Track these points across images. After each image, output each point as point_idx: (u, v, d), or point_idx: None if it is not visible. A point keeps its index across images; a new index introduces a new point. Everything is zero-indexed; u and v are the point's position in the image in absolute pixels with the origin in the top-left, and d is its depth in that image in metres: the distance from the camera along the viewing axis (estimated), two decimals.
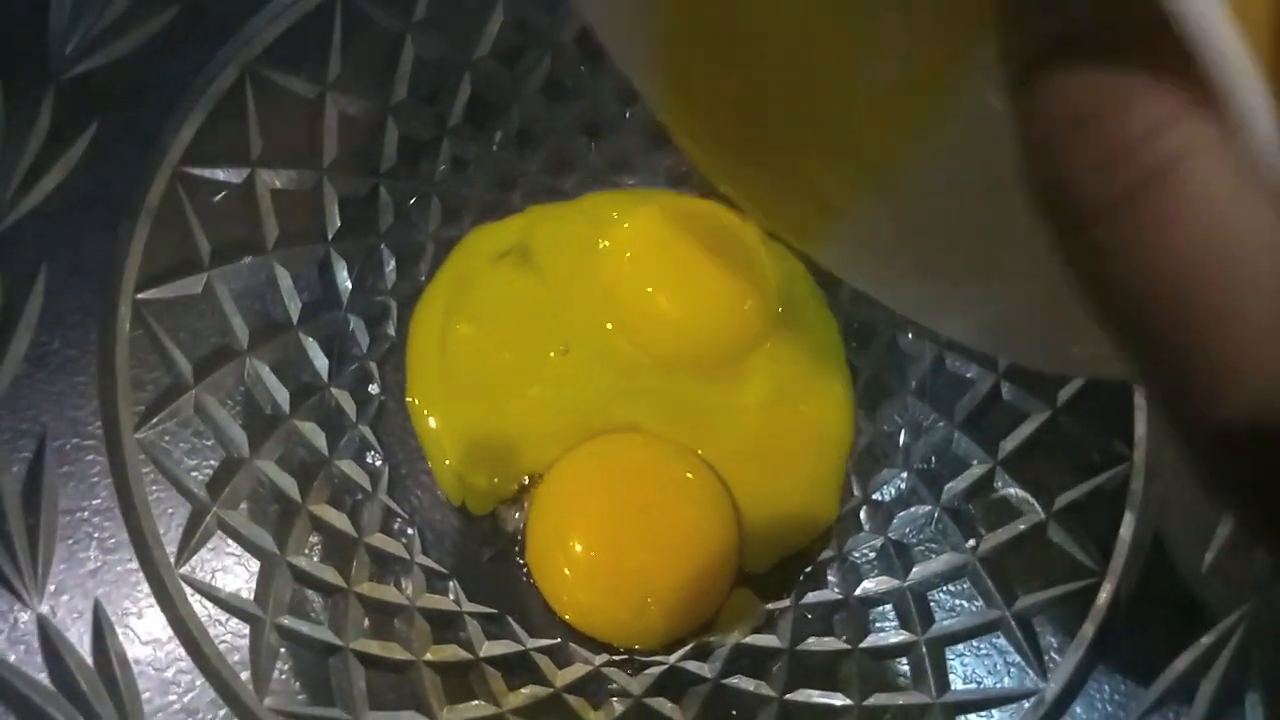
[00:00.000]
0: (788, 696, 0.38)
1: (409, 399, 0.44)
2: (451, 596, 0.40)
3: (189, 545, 0.32)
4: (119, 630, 0.29)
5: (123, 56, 0.32)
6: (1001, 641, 0.37)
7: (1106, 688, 0.33)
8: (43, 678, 0.26)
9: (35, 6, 0.30)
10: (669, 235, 0.47)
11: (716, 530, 0.42)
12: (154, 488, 0.32)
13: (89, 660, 0.27)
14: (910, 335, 0.46)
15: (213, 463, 0.35)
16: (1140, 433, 0.37)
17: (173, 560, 0.31)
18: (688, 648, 0.41)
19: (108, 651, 0.28)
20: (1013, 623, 0.37)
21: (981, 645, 0.37)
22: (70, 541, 0.29)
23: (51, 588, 0.28)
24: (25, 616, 0.27)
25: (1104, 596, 0.34)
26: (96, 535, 0.30)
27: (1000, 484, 0.40)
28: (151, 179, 0.33)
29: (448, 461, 0.43)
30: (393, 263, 0.45)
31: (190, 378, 0.35)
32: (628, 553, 0.40)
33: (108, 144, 0.32)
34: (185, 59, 0.34)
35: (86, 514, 0.30)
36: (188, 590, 0.31)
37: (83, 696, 0.27)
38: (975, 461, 0.42)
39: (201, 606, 0.31)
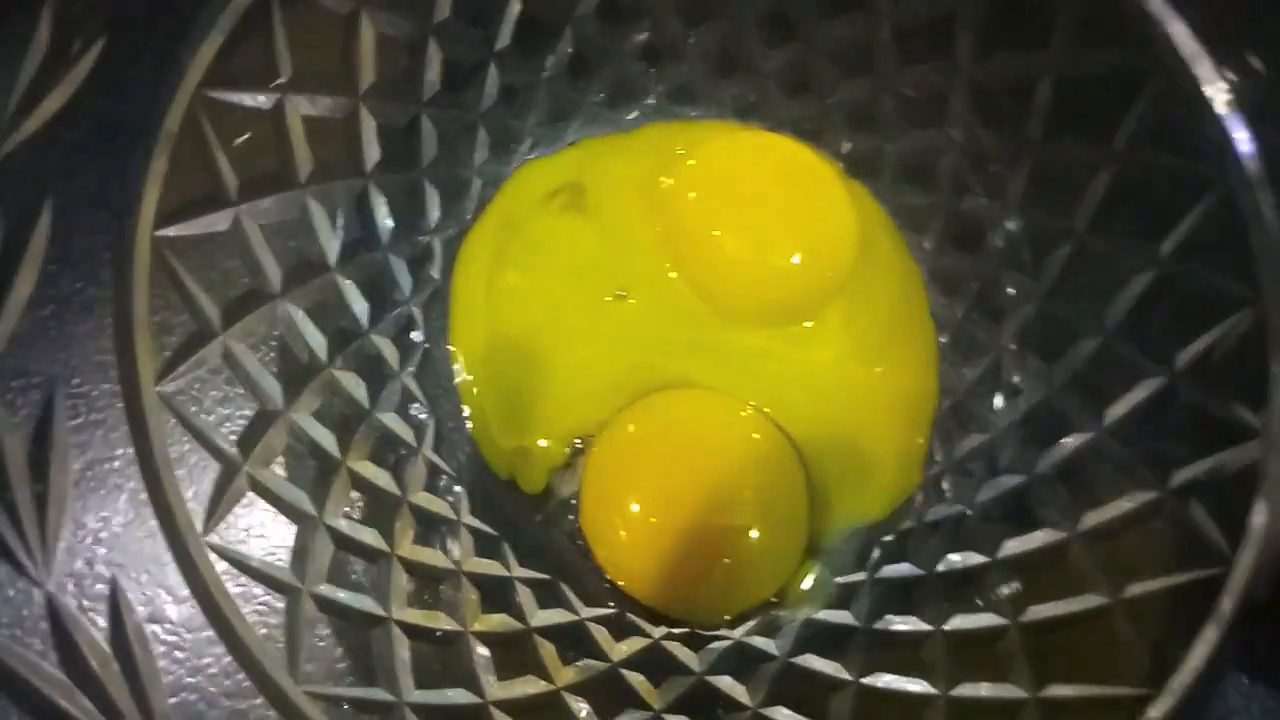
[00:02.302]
0: (865, 680, 0.35)
1: (451, 348, 0.41)
2: (501, 561, 0.38)
3: (217, 509, 0.29)
4: (137, 608, 0.26)
5: None
6: (1109, 633, 0.33)
7: (1238, 690, 0.29)
8: (51, 664, 0.24)
9: None
10: (737, 172, 0.43)
11: (784, 496, 0.39)
12: (178, 446, 0.29)
13: (104, 643, 0.25)
14: (1004, 285, 0.41)
15: (244, 416, 0.32)
16: (1275, 402, 0.32)
17: (199, 526, 0.28)
18: (753, 622, 0.38)
19: (125, 632, 0.25)
20: (1120, 611, 0.33)
21: (1086, 637, 0.33)
22: (82, 508, 0.26)
23: (61, 561, 0.25)
24: (33, 595, 0.24)
25: (1232, 590, 0.30)
26: (112, 501, 0.27)
27: (1106, 455, 0.36)
28: (168, 102, 0.30)
29: (490, 428, 0.40)
30: (436, 199, 0.42)
31: (218, 323, 0.31)
32: (688, 517, 0.37)
33: (117, 62, 0.28)
34: None
35: (101, 476, 0.27)
36: (215, 560, 0.28)
37: (97, 684, 0.24)
38: (1076, 429, 0.37)
39: (231, 577, 0.28)
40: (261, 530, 0.31)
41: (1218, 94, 0.34)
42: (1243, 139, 0.33)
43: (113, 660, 0.25)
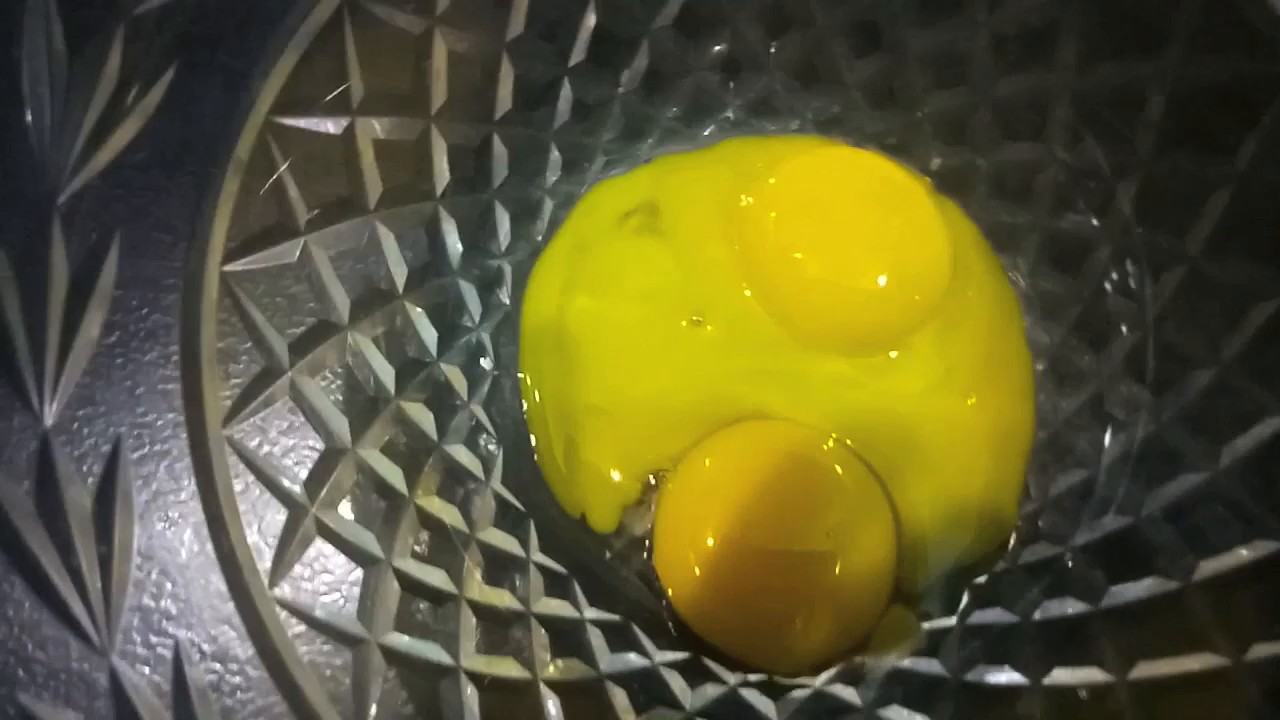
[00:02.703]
0: None
1: (521, 376, 0.40)
2: (572, 601, 0.36)
3: (283, 558, 0.28)
4: (202, 670, 0.25)
5: None
6: (1230, 701, 0.30)
7: None
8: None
9: None
10: (821, 190, 0.41)
11: (870, 537, 0.36)
12: (242, 482, 0.28)
13: (167, 711, 0.24)
14: (1107, 311, 0.38)
15: (310, 453, 0.31)
16: None
17: (265, 580, 0.27)
18: (836, 670, 0.36)
19: (189, 699, 0.24)
20: (1244, 676, 0.30)
21: (1205, 701, 0.31)
22: (146, 559, 0.25)
23: (123, 626, 0.24)
24: (95, 664, 0.23)
25: None
26: (175, 542, 0.26)
27: (1224, 495, 0.33)
28: (239, 130, 0.29)
29: (559, 463, 0.38)
30: (507, 221, 0.40)
31: (285, 359, 0.31)
32: (767, 558, 0.35)
33: (187, 91, 0.27)
34: None
35: (164, 510, 0.26)
36: (280, 613, 0.27)
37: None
38: (1189, 467, 0.35)
39: (296, 631, 0.27)
40: (326, 577, 0.30)
41: None
42: None
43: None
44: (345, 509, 0.31)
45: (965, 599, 0.37)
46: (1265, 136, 0.33)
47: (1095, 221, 0.39)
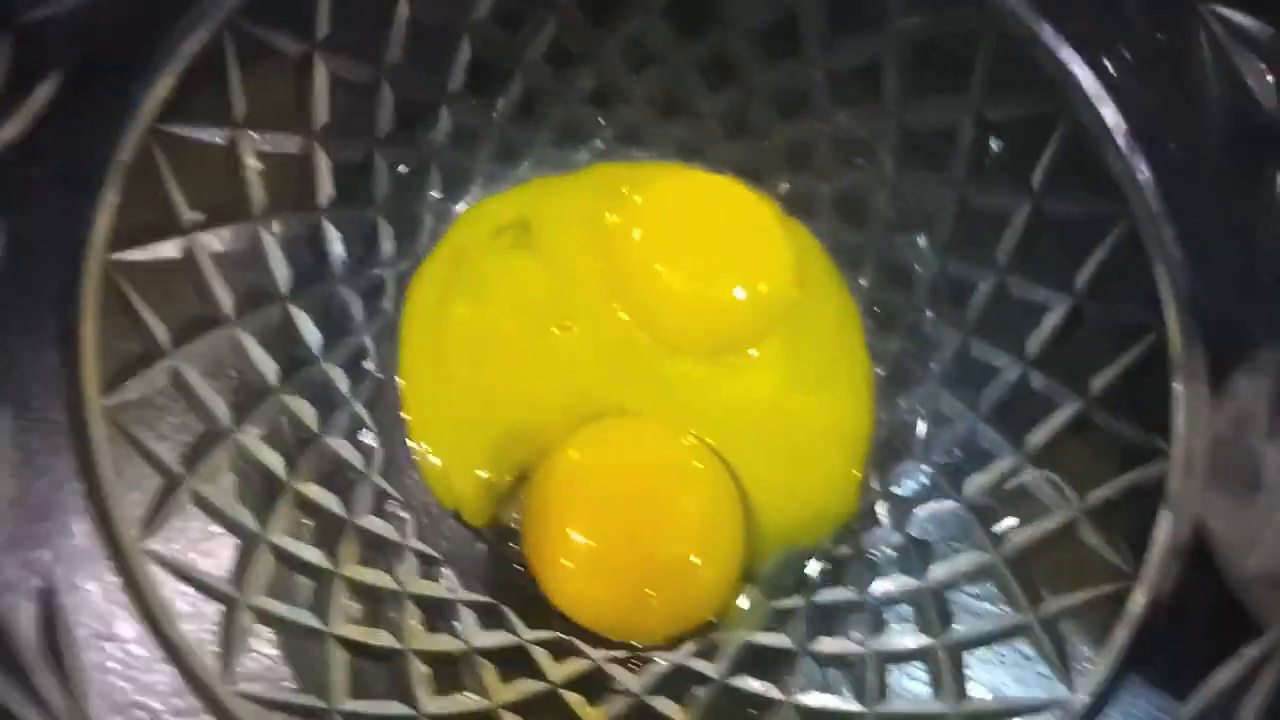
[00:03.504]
0: (798, 699, 0.36)
1: (399, 380, 0.42)
2: (445, 584, 0.38)
3: (156, 518, 0.30)
4: (70, 606, 0.27)
5: (87, 2, 0.29)
6: (1026, 648, 0.34)
7: (1139, 701, 0.31)
8: None
9: None
10: (680, 210, 0.45)
11: (721, 521, 0.40)
12: (123, 458, 0.30)
13: (34, 639, 0.26)
14: (934, 319, 0.43)
15: (192, 435, 0.33)
16: (1179, 426, 0.34)
17: (137, 532, 0.29)
18: (692, 645, 0.39)
19: (55, 629, 0.26)
20: (1038, 628, 0.34)
21: (1005, 651, 0.35)
22: (26, 502, 0.27)
23: None
24: None
25: (1138, 601, 0.32)
26: (53, 499, 0.28)
27: (1027, 479, 0.38)
28: (122, 135, 0.31)
29: (435, 459, 0.41)
30: (390, 235, 0.43)
31: (167, 344, 0.33)
32: (626, 542, 0.38)
33: (73, 97, 0.29)
34: (160, 8, 0.32)
35: (44, 477, 0.28)
36: (152, 565, 0.29)
37: (28, 677, 0.25)
38: (1001, 455, 0.39)
39: (171, 586, 0.29)
40: (206, 544, 0.32)
41: (1121, 133, 0.36)
42: (1145, 176, 0.35)
43: (42, 657, 0.25)
44: (224, 486, 0.33)
45: (811, 579, 0.41)
46: (1052, 160, 0.38)
47: (920, 241, 0.44)
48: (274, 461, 0.35)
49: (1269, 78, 0.34)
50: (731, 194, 0.45)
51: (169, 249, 0.33)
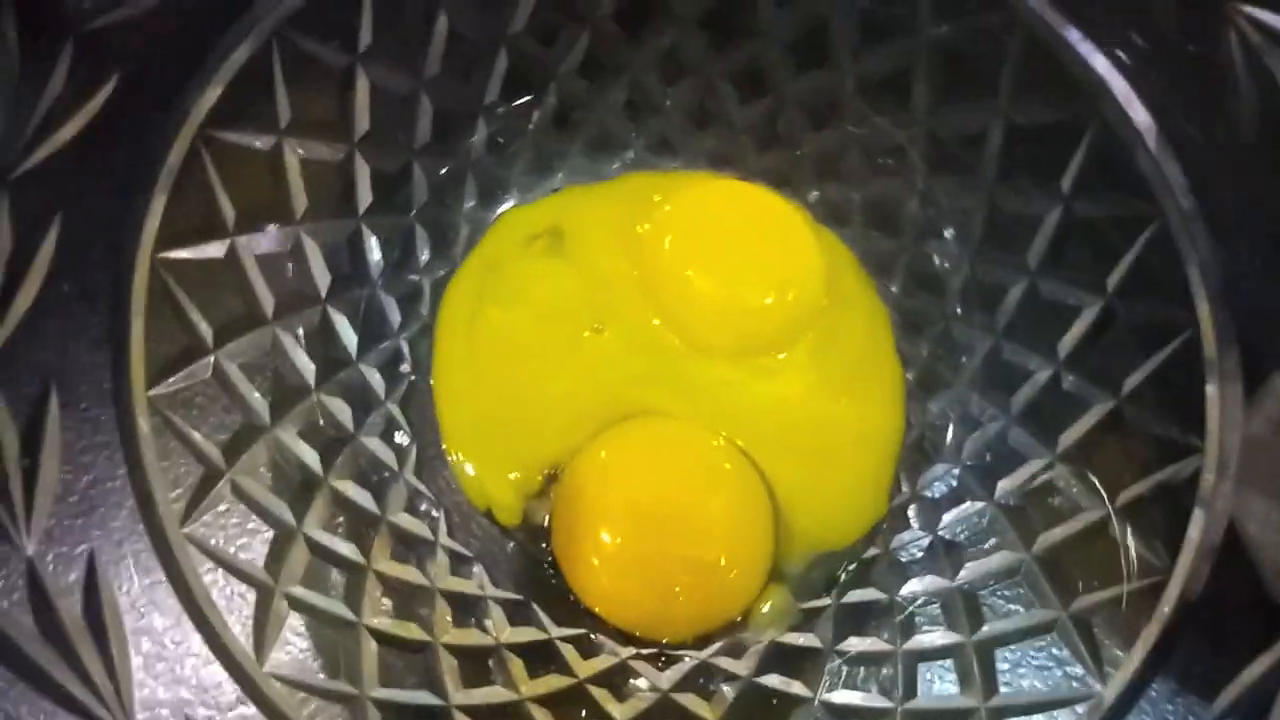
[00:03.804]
0: (825, 697, 0.36)
1: (433, 384, 0.43)
2: (475, 581, 0.39)
3: (197, 506, 0.31)
4: (113, 589, 0.28)
5: (145, 12, 0.31)
6: (1057, 645, 0.34)
7: (1169, 695, 0.30)
8: (29, 623, 0.26)
9: None
10: (711, 217, 0.45)
11: (749, 521, 0.40)
12: (165, 449, 0.31)
13: (79, 609, 0.27)
14: (965, 324, 0.43)
15: (232, 429, 0.34)
16: (1212, 424, 0.33)
17: (179, 519, 0.30)
18: (719, 644, 0.39)
19: (99, 601, 0.27)
20: (1069, 624, 0.34)
21: (1035, 649, 0.34)
22: (70, 495, 0.28)
23: (45, 536, 0.27)
24: (16, 561, 0.26)
25: (1169, 598, 0.31)
26: (97, 490, 0.29)
27: (1059, 479, 0.38)
28: (173, 139, 0.33)
29: (467, 461, 0.42)
30: (426, 242, 0.44)
31: (210, 341, 0.34)
32: (654, 540, 0.38)
33: (128, 100, 0.31)
34: (211, 19, 0.34)
35: (89, 469, 0.29)
36: (192, 551, 0.30)
37: (70, 645, 0.26)
38: (1032, 456, 0.39)
39: (208, 571, 0.30)
40: (243, 534, 0.33)
41: (1151, 135, 0.36)
42: (1176, 176, 0.35)
43: (85, 627, 0.26)
44: (261, 479, 0.34)
45: (841, 579, 0.41)
46: (1083, 164, 0.38)
47: (951, 246, 0.44)
48: (310, 457, 0.37)
49: None
50: (761, 201, 0.46)
51: (214, 249, 0.35)
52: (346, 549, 0.36)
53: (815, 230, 0.46)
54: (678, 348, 0.43)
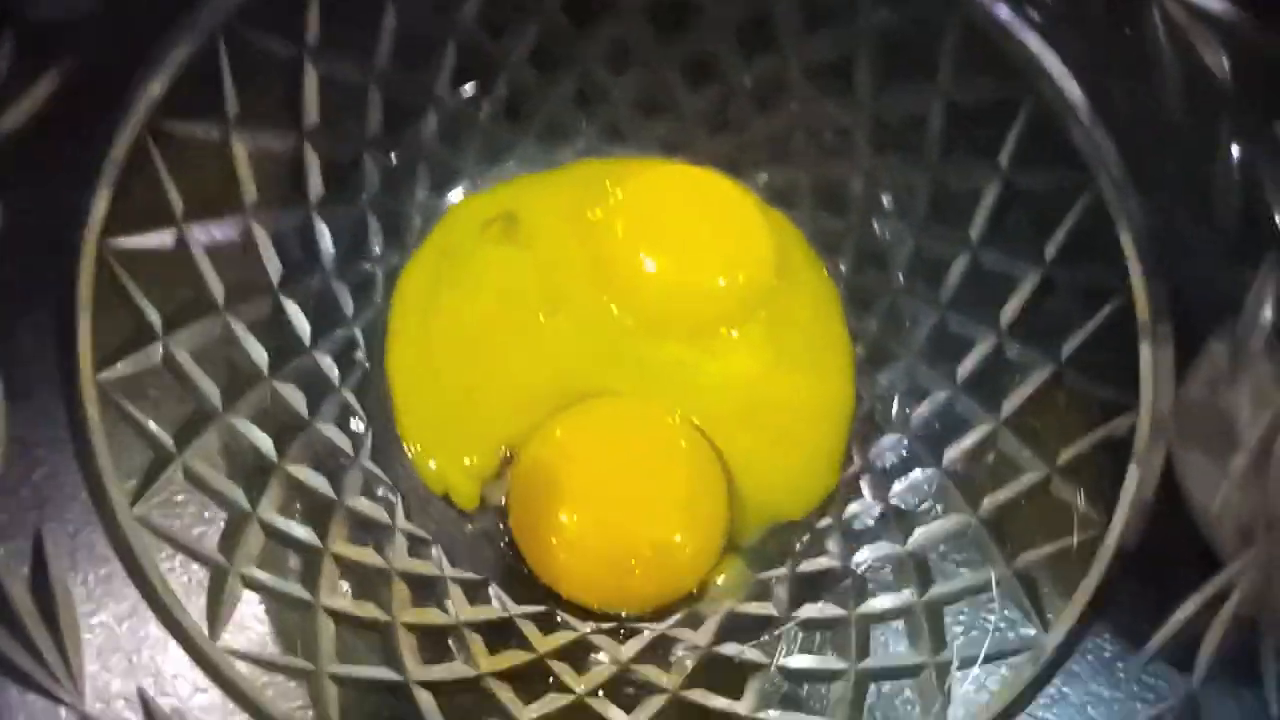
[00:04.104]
0: (782, 662, 0.37)
1: (387, 371, 0.43)
2: (434, 562, 0.39)
3: (148, 488, 0.31)
4: (64, 571, 0.28)
5: (88, 5, 0.31)
6: (1002, 601, 0.35)
7: (1106, 642, 0.31)
8: None
9: None
10: (663, 202, 0.46)
11: (704, 495, 0.41)
12: (116, 434, 0.31)
13: (30, 601, 0.27)
14: (911, 298, 0.44)
15: (184, 415, 0.34)
16: (1146, 385, 0.35)
17: (130, 501, 0.30)
18: (678, 616, 0.39)
19: (51, 592, 0.27)
20: (1014, 580, 0.35)
21: (982, 605, 0.35)
22: (20, 484, 0.28)
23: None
24: None
25: (1107, 549, 0.32)
26: (47, 476, 0.29)
27: (1003, 443, 0.39)
28: (118, 129, 0.33)
29: (422, 448, 0.42)
30: (379, 231, 0.44)
31: (159, 327, 0.34)
32: (611, 516, 0.39)
33: (73, 92, 0.31)
34: (157, 12, 0.34)
35: (37, 454, 0.29)
36: (144, 533, 0.30)
37: (20, 625, 0.26)
38: (977, 422, 0.40)
39: (162, 553, 0.30)
40: (198, 517, 0.33)
41: (1084, 109, 0.37)
42: (1108, 146, 0.36)
43: (34, 607, 0.27)
44: (214, 464, 0.34)
45: (795, 549, 0.41)
46: (1019, 138, 0.39)
47: (896, 224, 0.45)
48: (264, 443, 0.37)
49: (1222, 52, 0.35)
50: (711, 185, 0.46)
51: (162, 238, 0.35)
52: (302, 532, 0.36)
53: (764, 212, 0.46)
54: (631, 328, 0.44)
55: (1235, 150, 0.34)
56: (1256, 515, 0.31)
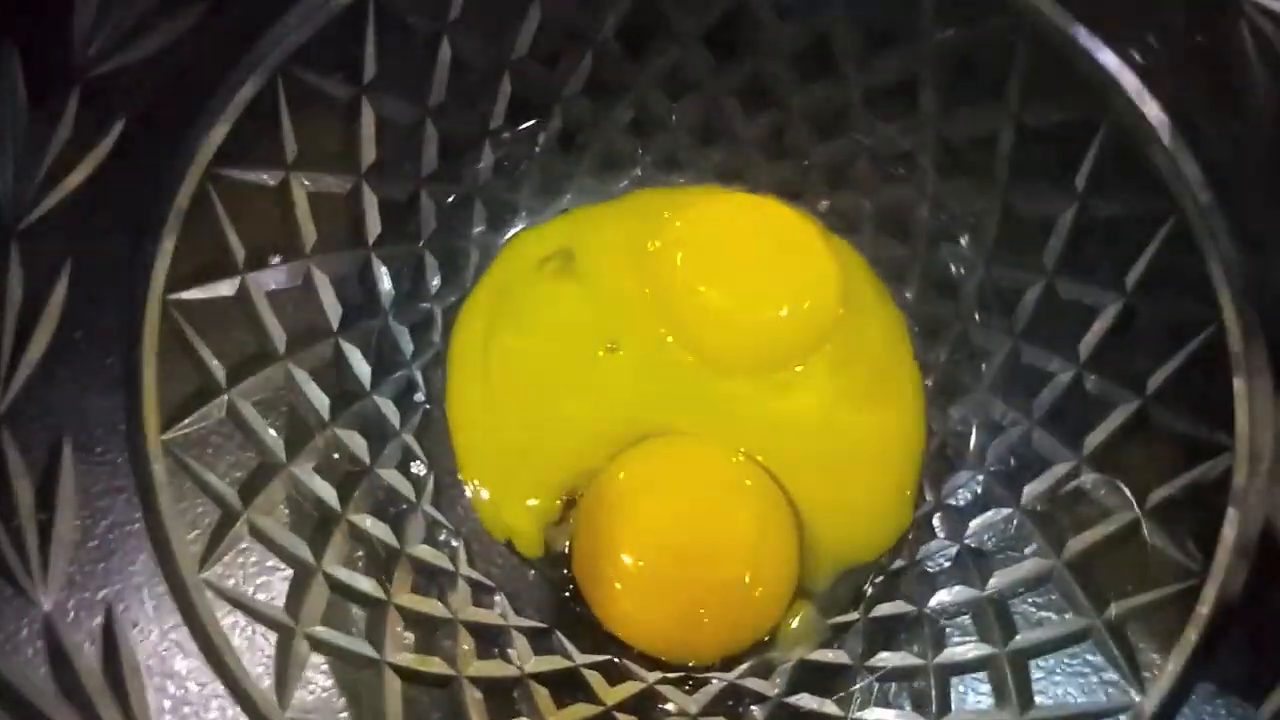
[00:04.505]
0: (857, 715, 0.36)
1: (448, 413, 0.43)
2: (498, 610, 0.39)
3: (215, 550, 0.31)
4: (131, 640, 0.28)
5: (148, 56, 0.31)
6: (1092, 653, 0.33)
7: (1212, 701, 0.29)
8: (46, 681, 0.25)
9: (60, 3, 0.30)
10: (722, 232, 0.45)
11: (773, 539, 0.39)
12: (181, 492, 0.31)
13: (97, 661, 0.26)
14: (983, 328, 0.43)
15: (248, 468, 0.34)
16: (1241, 420, 0.33)
17: (197, 564, 0.30)
18: (747, 665, 0.38)
19: (118, 652, 0.27)
20: (1105, 632, 0.33)
21: (1070, 658, 0.33)
22: (88, 543, 0.28)
23: (61, 589, 0.27)
24: (32, 616, 0.26)
25: (1207, 601, 0.31)
26: (114, 536, 0.29)
27: (1086, 482, 0.37)
28: (180, 179, 0.33)
29: (485, 493, 0.42)
30: (437, 269, 0.44)
31: (223, 381, 0.34)
32: (677, 562, 0.38)
33: (135, 143, 0.31)
34: (214, 60, 0.34)
35: (105, 516, 0.29)
36: (210, 596, 0.30)
37: (88, 699, 0.26)
38: (1058, 459, 0.38)
39: (227, 615, 0.30)
40: (262, 575, 0.32)
41: (1165, 130, 0.35)
42: (1192, 170, 0.35)
43: (104, 683, 0.26)
44: (279, 518, 0.34)
45: (868, 593, 0.40)
46: (1096, 161, 0.38)
47: (965, 250, 0.43)
48: (327, 493, 0.36)
49: None
50: (771, 213, 0.45)
51: (225, 288, 0.35)
52: (367, 584, 0.35)
53: (827, 239, 0.45)
54: (694, 366, 0.43)
55: None
56: None
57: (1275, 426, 0.32)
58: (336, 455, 0.38)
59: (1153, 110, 0.36)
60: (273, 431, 0.35)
